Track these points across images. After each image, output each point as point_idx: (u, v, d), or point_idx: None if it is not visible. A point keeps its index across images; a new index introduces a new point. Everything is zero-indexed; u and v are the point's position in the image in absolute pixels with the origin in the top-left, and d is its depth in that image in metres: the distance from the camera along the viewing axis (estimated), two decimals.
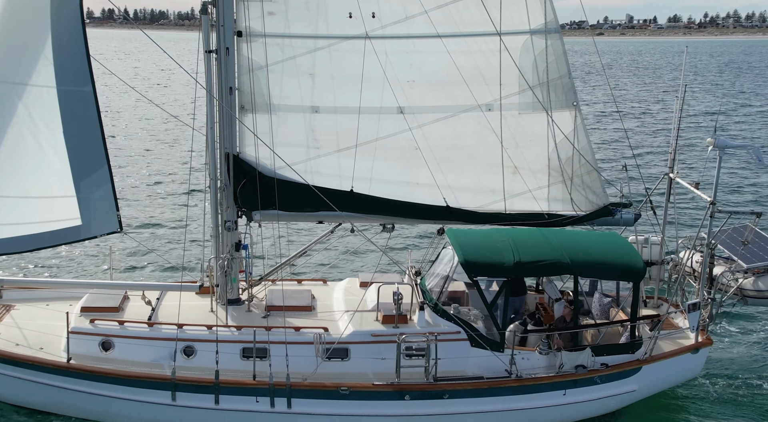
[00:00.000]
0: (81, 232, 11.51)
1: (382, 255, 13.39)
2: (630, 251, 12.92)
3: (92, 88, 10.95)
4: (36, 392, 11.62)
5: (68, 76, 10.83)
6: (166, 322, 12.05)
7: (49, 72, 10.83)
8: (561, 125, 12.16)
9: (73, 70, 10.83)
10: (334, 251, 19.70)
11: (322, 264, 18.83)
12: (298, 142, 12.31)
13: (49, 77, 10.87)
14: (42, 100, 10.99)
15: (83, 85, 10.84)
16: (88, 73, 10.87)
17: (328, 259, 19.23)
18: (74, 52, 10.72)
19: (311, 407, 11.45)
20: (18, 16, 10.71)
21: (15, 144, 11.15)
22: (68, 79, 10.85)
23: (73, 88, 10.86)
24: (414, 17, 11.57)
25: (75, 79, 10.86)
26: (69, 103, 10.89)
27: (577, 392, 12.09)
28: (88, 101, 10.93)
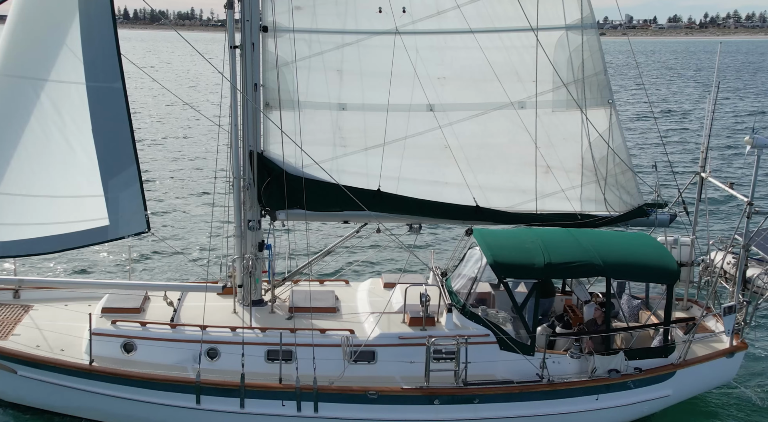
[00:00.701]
0: (109, 233, 11.27)
1: (404, 255, 13.12)
2: (663, 252, 12.58)
3: (122, 84, 10.68)
4: (58, 394, 11.44)
5: (98, 72, 10.55)
6: (189, 324, 11.82)
7: (78, 68, 10.55)
8: (596, 123, 11.80)
9: (102, 65, 10.55)
10: (354, 251, 19.45)
11: (346, 265, 18.58)
12: (325, 140, 12.02)
13: (78, 73, 10.59)
14: (71, 97, 10.72)
15: (113, 81, 10.56)
16: (118, 69, 10.58)
17: (347, 259, 18.97)
18: (104, 48, 10.44)
19: (338, 411, 11.22)
20: (45, 11, 10.44)
21: (43, 142, 10.90)
22: (98, 75, 10.57)
23: (102, 84, 10.58)
24: (446, 12, 11.23)
25: (105, 75, 10.57)
26: (98, 100, 10.62)
27: (610, 397, 11.81)
28: (118, 98, 10.65)
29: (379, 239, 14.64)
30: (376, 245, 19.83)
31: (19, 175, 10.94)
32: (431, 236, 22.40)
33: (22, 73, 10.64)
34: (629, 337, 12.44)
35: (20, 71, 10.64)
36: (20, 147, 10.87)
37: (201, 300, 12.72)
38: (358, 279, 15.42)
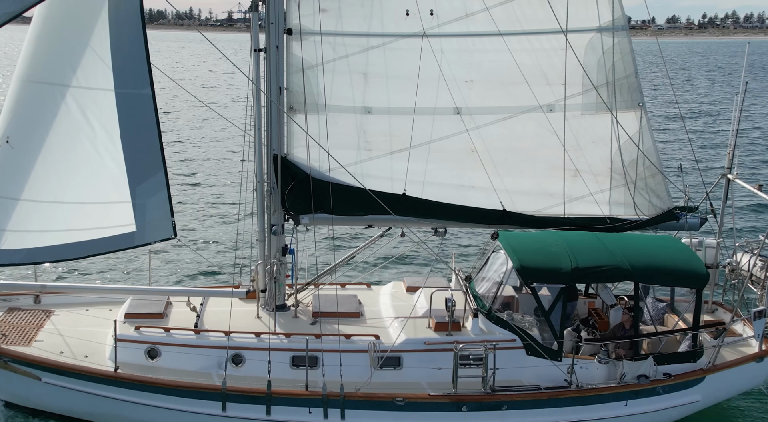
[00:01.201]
0: (135, 239, 11.17)
1: (423, 258, 12.97)
2: (691, 256, 12.43)
3: (151, 90, 10.55)
4: (82, 401, 11.38)
5: (127, 78, 10.42)
6: (213, 330, 11.72)
7: (107, 74, 10.42)
8: (626, 126, 11.62)
9: (132, 71, 10.41)
10: (374, 254, 19.38)
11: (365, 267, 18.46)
12: (349, 144, 11.87)
13: (107, 80, 10.46)
14: (99, 104, 10.60)
15: (142, 87, 10.42)
16: (147, 75, 10.44)
17: (367, 262, 18.84)
18: (133, 54, 10.30)
19: (365, 418, 11.12)
20: (74, 18, 10.31)
21: (71, 149, 10.79)
22: (127, 82, 10.44)
23: (131, 90, 10.44)
24: (474, 14, 11.04)
25: (134, 82, 10.44)
26: (127, 106, 10.50)
27: (638, 403, 11.68)
28: (147, 104, 10.52)
29: (398, 242, 14.52)
30: (396, 248, 19.75)
31: (46, 181, 10.85)
32: (449, 239, 22.27)
33: (50, 79, 10.53)
34: (657, 341, 12.31)
35: (48, 78, 10.53)
36: (47, 153, 10.77)
37: (223, 305, 12.65)
38: (373, 281, 15.29)
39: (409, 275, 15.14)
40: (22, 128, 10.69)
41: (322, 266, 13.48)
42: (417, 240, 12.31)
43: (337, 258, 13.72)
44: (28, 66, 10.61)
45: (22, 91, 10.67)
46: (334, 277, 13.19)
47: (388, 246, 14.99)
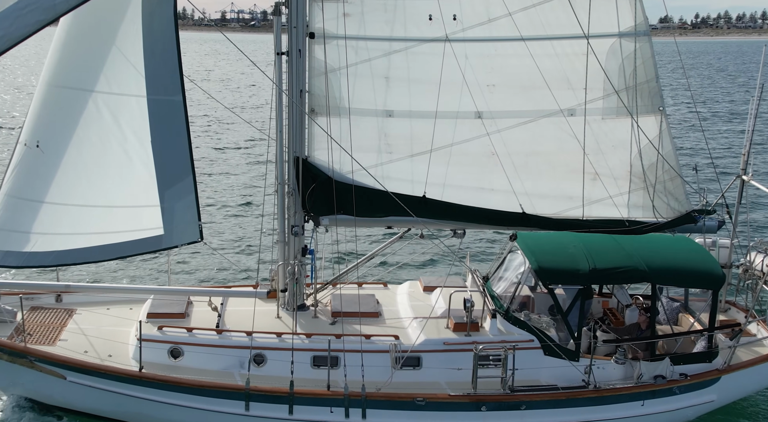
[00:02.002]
0: (163, 242, 11.34)
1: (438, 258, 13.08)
2: (707, 257, 12.55)
3: (182, 97, 10.67)
4: (107, 400, 11.55)
5: (159, 85, 10.55)
6: (235, 330, 11.87)
7: (140, 81, 10.54)
8: (646, 130, 11.72)
9: (164, 79, 10.54)
10: (390, 254, 19.55)
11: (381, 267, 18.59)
12: (370, 147, 11.98)
13: (140, 86, 10.60)
14: (131, 110, 10.73)
15: (174, 94, 10.55)
16: (179, 83, 10.57)
17: (383, 262, 18.99)
18: (166, 61, 10.42)
19: (386, 418, 11.29)
20: (106, 25, 10.41)
21: (101, 153, 10.93)
22: (159, 89, 10.56)
23: (163, 97, 10.58)
24: (497, 20, 11.11)
25: (166, 89, 10.57)
26: (158, 113, 10.63)
27: (655, 403, 11.85)
28: (178, 110, 10.66)
29: (414, 242, 14.65)
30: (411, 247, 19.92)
31: (77, 185, 10.99)
32: (465, 243, 22.40)
33: (82, 85, 10.65)
34: (672, 342, 12.46)
35: (79, 84, 10.65)
36: (78, 158, 10.90)
37: (243, 305, 12.80)
38: (394, 281, 15.42)
39: (425, 275, 15.29)
40: (52, 132, 10.82)
41: (341, 267, 13.63)
42: (437, 240, 12.44)
43: (355, 259, 13.85)
44: (57, 72, 10.72)
45: (51, 96, 10.78)
46: (353, 276, 13.34)
47: (406, 247, 15.13)
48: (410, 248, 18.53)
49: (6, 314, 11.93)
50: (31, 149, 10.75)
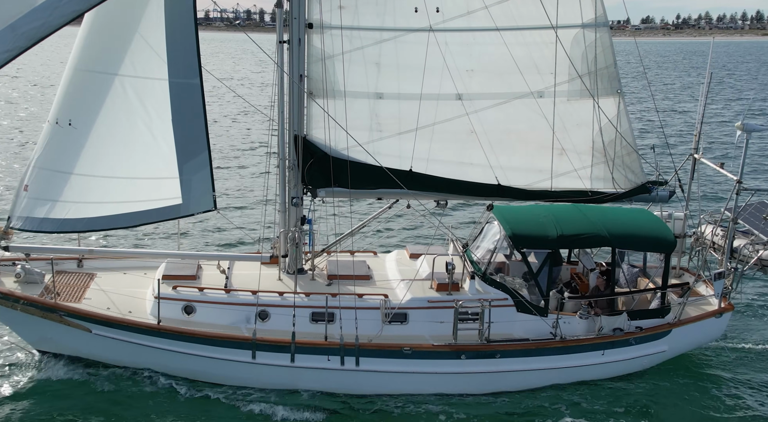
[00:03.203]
0: (181, 210, 12.60)
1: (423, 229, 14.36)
2: (661, 225, 14.12)
3: (200, 80, 11.95)
4: (128, 351, 12.86)
5: (179, 69, 11.76)
6: (242, 289, 13.23)
7: (162, 66, 11.79)
8: (606, 111, 13.23)
9: (184, 63, 11.75)
10: (378, 226, 21.16)
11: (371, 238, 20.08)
12: (362, 126, 13.35)
13: (162, 71, 11.85)
14: (154, 91, 11.98)
15: (192, 77, 11.80)
16: (197, 67, 11.82)
17: (373, 233, 20.53)
18: (186, 47, 11.64)
19: (377, 365, 12.70)
20: (133, 16, 11.64)
21: (128, 131, 12.18)
22: (179, 72, 11.79)
23: (183, 80, 11.81)
24: (475, 12, 12.52)
25: (185, 72, 11.80)
26: (178, 94, 11.86)
27: (614, 352, 13.39)
28: (196, 92, 11.91)
29: (400, 215, 16.05)
30: (398, 219, 21.46)
31: (106, 159, 12.27)
32: (447, 213, 24.12)
33: (110, 69, 11.90)
34: (630, 300, 14.04)
35: (107, 68, 11.91)
36: (107, 134, 12.17)
37: (247, 269, 14.16)
38: (382, 250, 16.90)
39: (411, 244, 16.74)
40: (83, 112, 12.08)
41: (336, 235, 15.03)
42: (422, 211, 13.85)
43: (348, 229, 15.26)
44: (86, 57, 11.96)
45: (81, 80, 12.03)
46: (346, 245, 14.72)
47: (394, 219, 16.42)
48: (398, 221, 19.98)
49: (36, 276, 13.21)
50: (63, 127, 12.01)
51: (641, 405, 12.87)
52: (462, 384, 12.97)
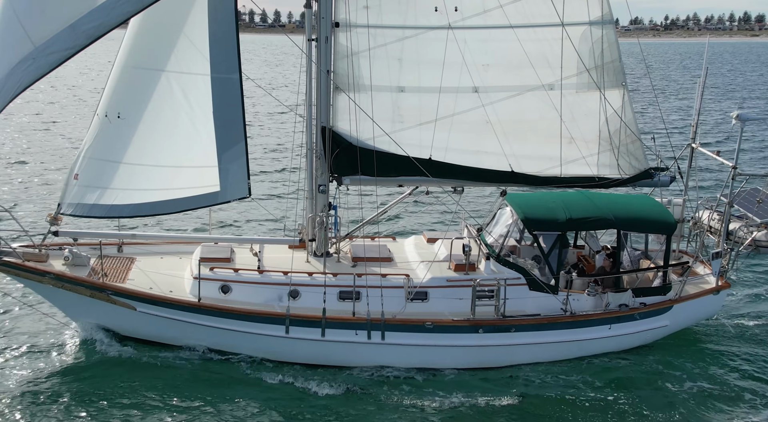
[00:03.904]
0: (218, 197, 13.57)
1: (438, 216, 15.34)
2: (662, 209, 15.16)
3: (239, 75, 12.93)
4: (170, 327, 13.82)
5: (221, 65, 12.73)
6: (274, 270, 14.21)
7: (205, 62, 12.77)
8: (612, 102, 14.25)
9: (225, 60, 12.72)
10: (396, 214, 22.36)
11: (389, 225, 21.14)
12: (385, 117, 14.33)
13: (205, 66, 12.82)
14: (197, 86, 12.95)
15: (232, 72, 12.78)
16: (236, 63, 12.80)
17: (391, 221, 21.63)
18: (227, 45, 12.60)
19: (401, 339, 13.68)
20: (178, 16, 12.62)
21: (172, 122, 13.15)
22: (220, 68, 12.75)
23: (224, 75, 12.78)
24: (491, 11, 13.52)
25: (226, 68, 12.77)
26: (219, 88, 12.84)
27: (620, 326, 14.41)
28: (235, 86, 12.89)
29: (415, 203, 16.99)
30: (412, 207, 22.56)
31: (151, 149, 13.25)
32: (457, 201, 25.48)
33: (156, 66, 12.89)
34: (635, 279, 15.07)
35: (154, 64, 12.89)
36: (152, 126, 13.16)
37: (277, 252, 15.14)
38: (401, 236, 17.94)
39: (426, 230, 17.76)
40: (131, 105, 13.06)
41: (357, 222, 16.02)
42: (439, 198, 14.85)
43: (370, 215, 16.27)
44: (134, 55, 12.94)
45: (129, 76, 13.01)
46: (368, 230, 15.73)
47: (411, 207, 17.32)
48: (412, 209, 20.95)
49: (83, 259, 14.18)
50: (112, 120, 12.99)
51: (647, 377, 13.89)
52: (479, 356, 13.99)
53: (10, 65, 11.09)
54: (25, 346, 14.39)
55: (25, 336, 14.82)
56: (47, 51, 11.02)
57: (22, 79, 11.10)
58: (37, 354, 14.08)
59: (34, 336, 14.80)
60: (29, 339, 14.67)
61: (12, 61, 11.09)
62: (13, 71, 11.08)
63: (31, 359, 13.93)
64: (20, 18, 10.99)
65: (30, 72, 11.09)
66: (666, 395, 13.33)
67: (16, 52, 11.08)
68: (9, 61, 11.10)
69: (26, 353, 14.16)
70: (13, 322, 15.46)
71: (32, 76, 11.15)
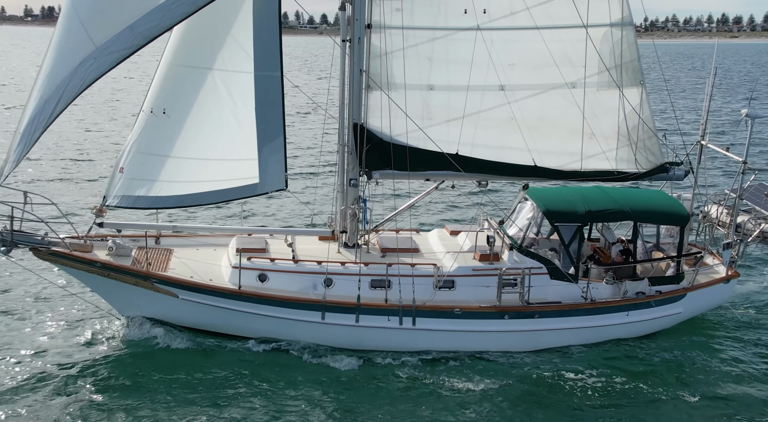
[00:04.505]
0: (257, 188, 14.24)
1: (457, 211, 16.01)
2: (675, 202, 15.95)
3: (281, 73, 13.61)
4: (211, 314, 14.45)
5: (263, 63, 13.40)
6: (309, 259, 14.88)
7: (249, 61, 13.44)
8: (630, 99, 15.03)
9: (267, 58, 13.38)
10: (417, 209, 23.22)
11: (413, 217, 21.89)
12: (415, 114, 15.02)
13: (248, 65, 13.50)
14: (241, 83, 13.62)
15: (274, 70, 13.46)
16: (278, 61, 13.48)
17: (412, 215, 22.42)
18: (270, 45, 13.27)
19: (431, 324, 14.39)
20: (224, 19, 13.29)
21: (217, 118, 13.82)
22: (263, 66, 13.42)
23: (266, 73, 13.45)
24: (517, 13, 14.27)
25: (268, 66, 13.44)
26: (262, 85, 13.51)
27: (637, 313, 15.17)
28: (276, 83, 13.56)
29: (431, 202, 17.53)
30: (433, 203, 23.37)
31: (196, 143, 13.93)
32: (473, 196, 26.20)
33: (202, 64, 13.58)
34: (650, 268, 15.83)
35: (200, 63, 13.58)
36: (198, 121, 13.83)
37: (307, 243, 15.83)
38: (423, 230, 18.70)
39: (448, 224, 18.48)
40: (177, 102, 13.72)
41: (387, 214, 16.71)
42: (463, 191, 15.56)
43: (392, 210, 16.95)
44: (180, 54, 13.60)
45: (175, 74, 13.67)
46: (393, 224, 16.43)
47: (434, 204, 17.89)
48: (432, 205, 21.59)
49: (126, 249, 14.81)
50: (158, 116, 13.65)
51: (663, 361, 14.63)
52: (505, 341, 14.71)
53: (73, 65, 11.75)
54: (67, 332, 15.06)
55: (68, 323, 15.48)
56: (107, 51, 11.69)
57: (85, 78, 11.76)
58: (80, 340, 14.72)
59: (76, 323, 15.45)
60: (71, 327, 15.33)
61: (75, 61, 11.75)
62: (76, 71, 11.73)
63: (74, 344, 14.57)
64: (83, 21, 11.66)
65: (91, 71, 11.76)
66: (681, 379, 14.06)
67: (79, 52, 11.75)
68: (72, 62, 11.76)
69: (69, 338, 14.80)
70: (56, 309, 16.13)
71: (93, 75, 11.81)
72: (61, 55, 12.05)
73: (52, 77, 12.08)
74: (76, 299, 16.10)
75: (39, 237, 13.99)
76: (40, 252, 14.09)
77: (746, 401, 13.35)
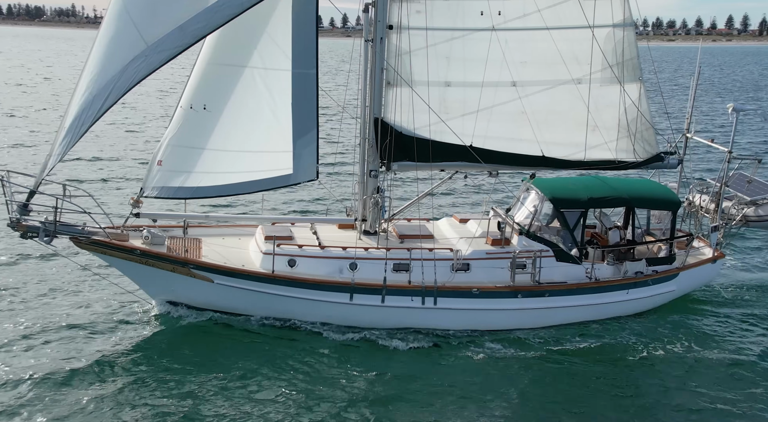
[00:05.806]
0: (290, 179, 15.10)
1: (463, 200, 17.19)
2: (667, 190, 17.37)
3: (316, 70, 14.49)
4: (245, 298, 15.29)
5: (300, 61, 14.23)
6: (334, 245, 15.83)
7: (287, 59, 14.26)
8: (630, 94, 16.37)
9: (304, 57, 14.20)
10: (426, 200, 24.39)
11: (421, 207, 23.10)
12: (432, 109, 16.13)
13: (287, 63, 14.33)
14: (279, 80, 14.44)
15: (310, 68, 14.32)
16: (314, 59, 14.34)
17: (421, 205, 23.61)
18: (307, 44, 14.11)
19: (451, 304, 15.49)
20: (262, 19, 14.05)
21: (255, 112, 14.62)
22: (300, 64, 14.26)
23: (302, 70, 14.30)
24: (530, 14, 15.45)
25: (305, 64, 14.28)
26: (298, 82, 14.34)
27: (636, 291, 16.53)
28: (312, 80, 14.43)
29: (437, 192, 18.41)
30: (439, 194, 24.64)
31: (235, 136, 14.73)
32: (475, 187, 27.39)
33: (241, 62, 14.39)
34: (645, 251, 17.21)
35: (239, 61, 14.39)
36: (237, 115, 14.64)
37: (331, 231, 16.78)
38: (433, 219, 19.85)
39: (456, 213, 19.61)
40: (218, 97, 14.51)
41: (403, 203, 17.74)
42: (479, 181, 16.70)
43: (406, 200, 18.00)
44: (219, 52, 14.39)
45: (214, 71, 14.46)
46: (409, 213, 17.50)
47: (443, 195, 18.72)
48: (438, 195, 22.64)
49: (160, 238, 15.56)
50: (198, 111, 14.43)
51: (658, 336, 15.97)
52: (519, 318, 15.92)
53: (124, 62, 12.49)
54: (104, 318, 15.74)
55: (104, 308, 16.17)
56: (158, 49, 12.45)
57: (135, 76, 12.50)
58: (116, 326, 15.43)
59: (113, 310, 16.15)
60: (108, 312, 16.02)
61: (126, 59, 12.49)
62: (127, 68, 12.46)
63: (112, 330, 15.27)
64: (135, 21, 12.40)
65: (141, 68, 12.51)
66: (675, 351, 15.40)
67: (130, 51, 12.48)
68: (123, 59, 12.49)
69: (107, 324, 15.50)
70: (92, 296, 16.82)
71: (143, 72, 12.56)
72: (112, 53, 12.76)
73: (102, 74, 12.79)
74: (105, 284, 16.76)
75: (79, 228, 14.65)
76: (80, 241, 14.76)
77: (734, 366, 14.85)
